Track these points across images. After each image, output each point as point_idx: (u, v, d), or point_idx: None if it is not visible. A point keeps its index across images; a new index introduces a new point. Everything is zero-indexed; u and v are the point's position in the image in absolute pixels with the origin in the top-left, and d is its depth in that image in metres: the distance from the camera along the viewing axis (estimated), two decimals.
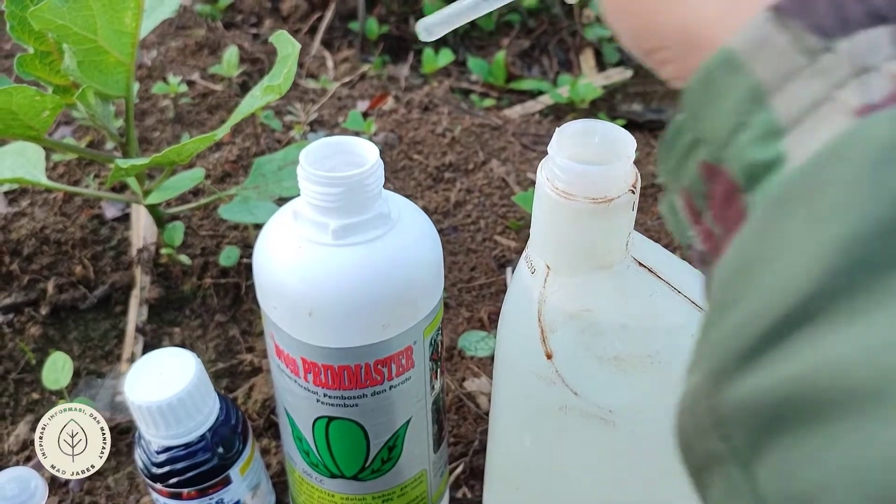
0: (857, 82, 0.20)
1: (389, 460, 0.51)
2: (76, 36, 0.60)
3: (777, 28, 0.21)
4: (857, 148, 0.18)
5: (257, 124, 1.04)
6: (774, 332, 0.18)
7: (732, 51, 0.22)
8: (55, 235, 0.84)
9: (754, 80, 0.21)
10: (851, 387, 0.16)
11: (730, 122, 0.22)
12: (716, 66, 0.22)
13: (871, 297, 0.17)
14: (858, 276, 0.17)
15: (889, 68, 0.20)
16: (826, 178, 0.19)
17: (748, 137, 0.21)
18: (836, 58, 0.20)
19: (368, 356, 0.45)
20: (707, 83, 0.22)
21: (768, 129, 0.21)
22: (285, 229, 0.45)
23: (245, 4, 1.50)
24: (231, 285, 0.81)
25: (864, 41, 0.20)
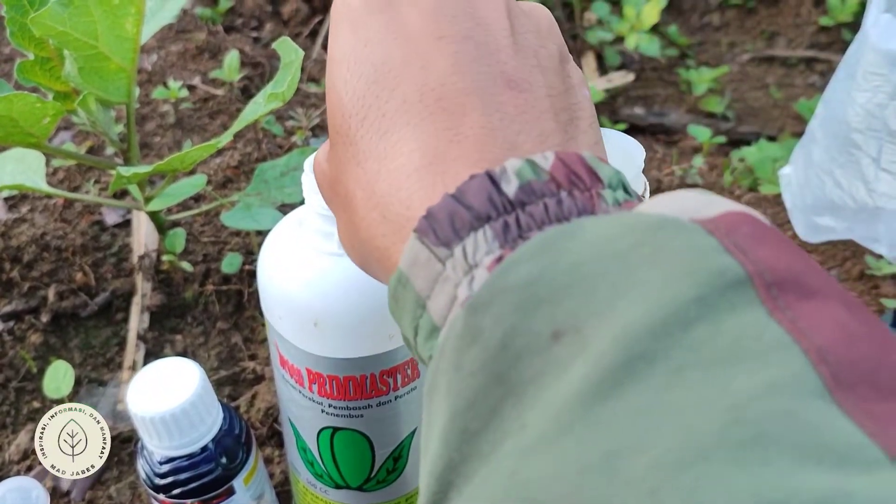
0: (467, 279, 0.23)
1: (395, 471, 0.50)
2: (77, 42, 0.60)
3: (420, 246, 0.25)
4: (447, 339, 0.23)
5: (258, 129, 1.03)
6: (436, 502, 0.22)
7: (400, 270, 0.25)
8: (55, 242, 0.84)
9: (416, 290, 0.25)
10: None
11: (410, 328, 0.26)
12: (395, 284, 0.26)
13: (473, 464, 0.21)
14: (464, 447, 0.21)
15: (486, 261, 0.23)
16: (439, 368, 0.23)
17: (422, 337, 0.25)
18: (454, 262, 0.24)
19: (374, 366, 0.45)
20: (394, 299, 0.26)
21: (430, 329, 0.25)
22: (290, 239, 0.44)
23: (245, 8, 1.50)
24: (233, 292, 0.81)
25: (470, 243, 0.24)
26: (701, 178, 1.04)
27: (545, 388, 0.20)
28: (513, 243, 0.23)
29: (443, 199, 0.25)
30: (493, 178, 0.24)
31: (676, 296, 0.19)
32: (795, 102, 1.31)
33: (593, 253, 0.21)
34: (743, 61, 1.44)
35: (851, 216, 0.75)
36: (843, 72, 0.76)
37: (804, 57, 1.43)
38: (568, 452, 0.18)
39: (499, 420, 0.21)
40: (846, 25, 1.44)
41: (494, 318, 0.21)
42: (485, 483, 0.20)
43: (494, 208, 0.24)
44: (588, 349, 0.19)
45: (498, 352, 0.21)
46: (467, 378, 0.21)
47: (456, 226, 0.24)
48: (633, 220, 0.22)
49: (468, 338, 0.22)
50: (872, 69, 0.70)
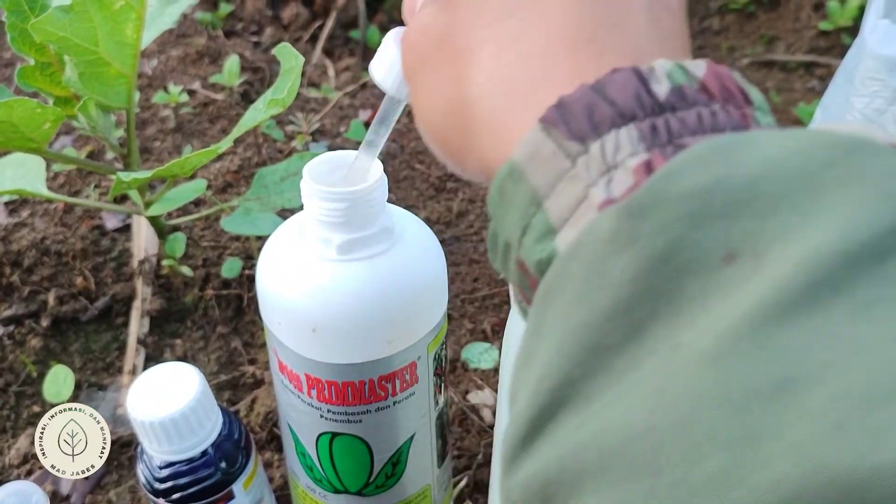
0: (605, 180, 0.22)
1: (393, 475, 0.50)
2: (77, 47, 0.60)
3: (545, 138, 0.23)
4: (587, 242, 0.21)
5: (259, 134, 1.03)
6: (540, 418, 0.20)
7: (514, 162, 0.24)
8: (56, 246, 0.84)
9: (532, 186, 0.23)
10: (585, 466, 0.18)
11: (518, 226, 0.24)
12: (504, 179, 0.24)
13: (600, 381, 0.19)
14: (592, 362, 0.19)
15: (630, 163, 0.21)
16: (569, 272, 0.21)
17: (531, 238, 0.23)
18: (589, 159, 0.22)
19: (372, 372, 0.45)
20: (500, 194, 0.25)
21: (545, 230, 0.23)
22: (289, 245, 0.45)
23: (245, 13, 1.50)
24: (233, 297, 0.81)
25: (611, 141, 0.22)
26: None
27: (708, 309, 0.18)
28: (662, 149, 0.22)
29: (579, 90, 0.23)
30: (640, 75, 0.23)
31: (872, 223, 0.18)
32: (795, 107, 1.31)
33: (775, 169, 0.19)
34: (742, 65, 1.44)
35: None
36: (842, 77, 0.76)
37: (803, 61, 1.43)
38: (732, 374, 0.17)
39: (642, 337, 0.19)
40: (846, 30, 1.44)
41: (657, 226, 0.19)
42: (620, 401, 0.18)
43: (641, 108, 0.22)
44: (764, 273, 0.18)
45: (656, 264, 0.19)
46: (610, 287, 0.19)
47: (595, 120, 0.22)
48: (819, 138, 0.20)
49: (618, 244, 0.20)
50: (871, 74, 0.70)
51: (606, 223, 0.20)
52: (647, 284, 0.19)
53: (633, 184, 0.21)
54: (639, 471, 0.17)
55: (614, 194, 0.21)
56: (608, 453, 0.18)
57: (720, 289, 0.18)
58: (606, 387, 0.19)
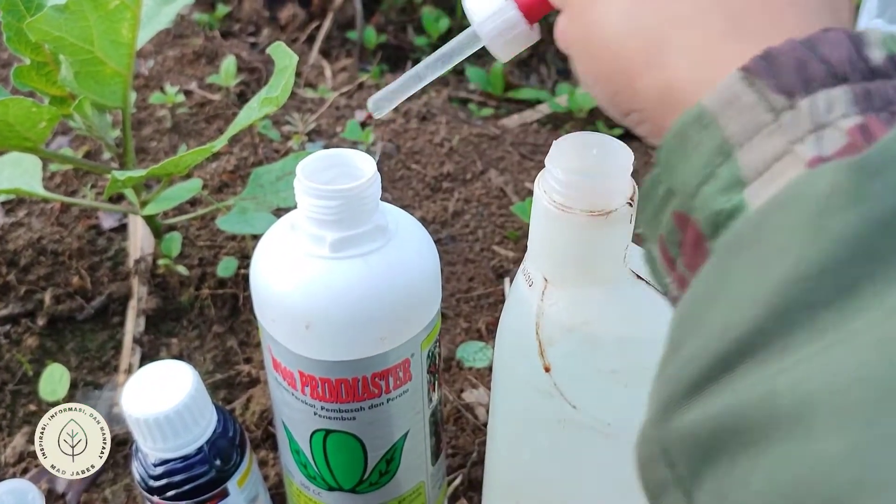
0: (813, 137, 0.21)
1: (387, 473, 0.51)
2: (73, 47, 0.60)
3: (746, 87, 0.22)
4: (801, 196, 0.20)
5: (255, 134, 1.04)
6: (715, 367, 0.20)
7: (704, 108, 0.23)
8: (52, 246, 0.84)
9: (723, 135, 0.23)
10: (775, 415, 0.18)
11: (699, 173, 0.23)
12: (689, 122, 0.23)
13: (801, 335, 0.18)
14: (794, 315, 0.19)
15: (843, 124, 0.21)
16: (772, 224, 0.20)
17: (714, 188, 0.23)
18: (797, 115, 0.22)
19: (366, 369, 0.45)
20: (680, 138, 0.24)
21: (732, 181, 0.22)
22: (282, 242, 0.45)
23: (243, 13, 1.50)
24: (229, 296, 0.81)
25: (823, 100, 0.21)
26: None
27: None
28: (877, 113, 0.21)
29: (788, 43, 0.22)
30: (854, 38, 0.22)
31: None
32: None
33: None
34: None
35: None
36: None
37: None
38: None
39: (856, 297, 0.18)
40: None
41: (888, 187, 0.19)
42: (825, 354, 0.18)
43: (855, 70, 0.22)
44: None
45: (883, 226, 0.18)
46: (827, 242, 0.19)
47: (806, 76, 0.22)
48: None
49: (842, 200, 0.19)
50: None
51: (827, 178, 0.20)
52: (868, 244, 0.18)
53: (846, 144, 0.21)
54: (847, 420, 0.16)
55: (826, 152, 0.21)
56: (808, 402, 0.17)
57: None
58: (807, 342, 0.18)
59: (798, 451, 0.17)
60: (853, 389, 0.17)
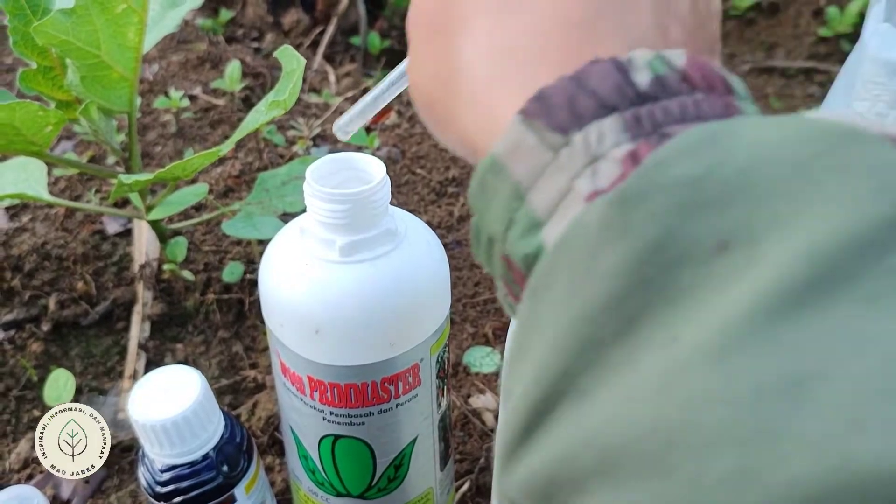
0: (589, 171, 0.21)
1: (396, 479, 0.50)
2: (79, 51, 0.60)
3: (525, 129, 0.23)
4: (578, 234, 0.20)
5: (260, 139, 1.03)
6: (535, 415, 0.20)
7: (495, 155, 0.23)
8: (56, 251, 0.84)
9: (514, 179, 0.23)
10: (584, 467, 0.18)
11: (502, 219, 0.24)
12: (485, 171, 0.24)
13: (597, 375, 0.19)
14: (588, 355, 0.19)
15: (616, 154, 0.21)
16: (559, 265, 0.21)
17: (516, 232, 0.23)
18: (572, 150, 0.22)
19: (375, 374, 0.45)
20: (481, 186, 0.24)
21: (530, 223, 0.23)
22: (291, 246, 0.44)
23: (246, 18, 1.50)
24: (234, 301, 0.81)
25: (594, 132, 0.22)
26: None
27: (704, 301, 0.18)
28: (647, 138, 0.21)
29: (559, 82, 0.23)
30: (620, 65, 0.22)
31: (870, 215, 0.17)
32: (795, 113, 1.31)
33: (767, 157, 0.19)
34: (742, 72, 1.44)
35: None
36: (843, 81, 0.76)
37: (803, 68, 1.44)
38: (739, 371, 0.16)
39: (638, 329, 0.18)
40: (845, 36, 1.44)
41: (647, 216, 0.19)
42: (620, 396, 0.18)
43: (623, 98, 0.22)
44: (761, 264, 0.17)
45: (648, 255, 0.19)
46: (603, 279, 0.19)
47: (576, 111, 0.22)
48: (809, 127, 0.19)
49: (610, 234, 0.19)
50: (872, 78, 0.71)
51: (596, 214, 0.20)
52: (639, 275, 0.19)
53: (619, 174, 0.21)
54: (647, 470, 0.17)
55: (601, 185, 0.21)
56: (612, 451, 0.17)
57: (713, 279, 0.18)
58: (603, 381, 0.19)
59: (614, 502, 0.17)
60: (648, 439, 0.17)
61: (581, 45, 0.25)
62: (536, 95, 0.23)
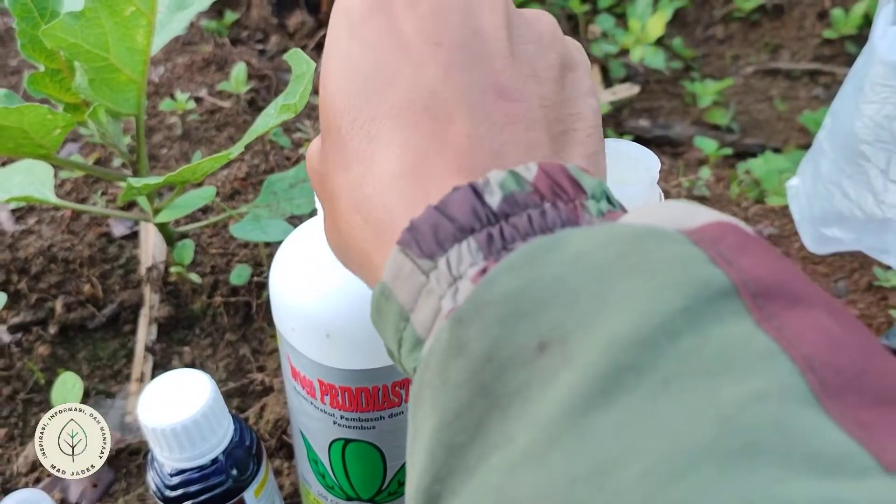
0: (451, 291, 0.23)
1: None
2: (88, 54, 0.60)
3: (404, 258, 0.25)
4: (433, 351, 0.23)
5: (266, 141, 1.03)
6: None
7: (384, 283, 0.25)
8: (63, 254, 0.84)
9: (399, 302, 0.25)
10: None
11: (394, 339, 0.26)
12: (377, 297, 0.26)
13: (459, 478, 0.21)
14: (451, 460, 0.21)
15: (471, 273, 0.23)
16: (424, 380, 0.23)
17: (405, 350, 0.25)
18: (438, 273, 0.24)
19: (386, 378, 0.45)
20: (377, 310, 0.26)
21: (414, 342, 0.25)
22: (302, 251, 0.44)
23: (251, 20, 1.50)
24: (242, 304, 0.81)
25: (454, 255, 0.24)
26: (708, 190, 1.04)
27: (531, 400, 0.20)
28: (497, 255, 0.23)
29: (426, 211, 0.25)
30: (476, 189, 0.24)
31: (662, 306, 0.19)
32: (800, 115, 1.31)
33: (576, 264, 0.21)
34: (747, 74, 1.44)
35: (860, 227, 0.75)
36: (851, 83, 0.76)
37: (808, 69, 1.44)
38: (556, 466, 0.18)
39: (485, 433, 0.21)
40: (850, 38, 1.44)
41: (479, 330, 0.21)
42: (471, 498, 0.20)
43: (478, 220, 0.24)
44: (574, 360, 0.19)
45: (483, 364, 0.21)
46: (452, 390, 0.21)
47: (440, 238, 0.24)
48: (617, 231, 0.22)
49: (453, 350, 0.22)
50: (880, 81, 0.70)
51: (445, 333, 0.22)
52: (479, 384, 0.21)
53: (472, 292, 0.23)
54: None
55: (459, 303, 0.23)
56: None
57: (539, 378, 0.20)
58: (464, 483, 0.21)
59: None
60: None
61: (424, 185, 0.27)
62: (409, 226, 0.25)
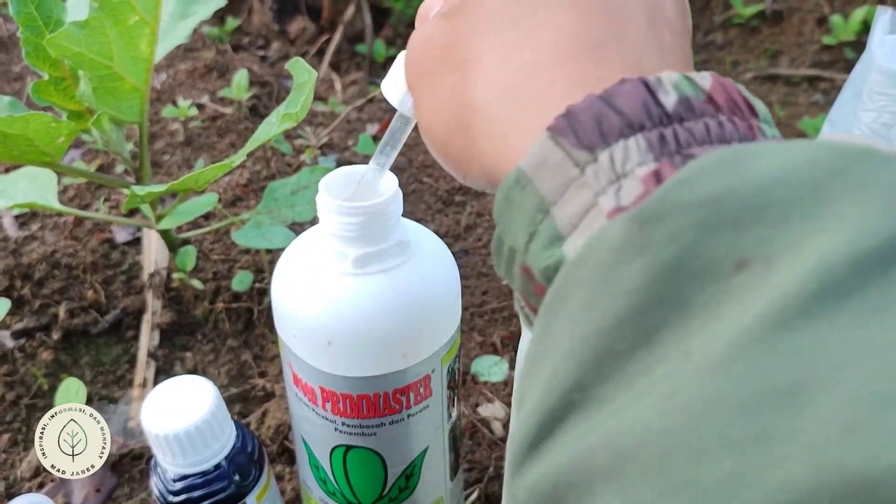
0: (613, 188, 0.22)
1: (407, 488, 0.51)
2: (92, 62, 0.61)
3: (553, 146, 0.23)
4: (597, 249, 0.21)
5: (268, 148, 1.04)
6: (547, 423, 0.21)
7: (521, 170, 0.24)
8: (66, 260, 0.84)
9: (539, 193, 0.24)
10: (597, 469, 0.19)
11: (525, 232, 0.24)
12: (510, 185, 0.24)
13: (612, 386, 0.19)
14: (604, 367, 0.20)
15: (639, 173, 0.22)
16: (577, 278, 0.21)
17: (539, 244, 0.24)
18: (598, 168, 0.22)
19: (387, 385, 0.45)
20: (506, 200, 0.25)
21: (553, 236, 0.23)
22: (304, 258, 0.45)
23: (252, 27, 1.51)
24: (243, 310, 0.81)
25: (620, 150, 0.22)
26: None
27: (719, 317, 0.18)
28: (670, 158, 0.22)
29: (587, 100, 0.23)
30: (648, 86, 0.23)
31: (879, 231, 0.18)
32: (799, 120, 1.31)
33: (784, 178, 0.19)
34: (746, 79, 1.45)
35: None
36: (849, 91, 0.76)
37: (807, 75, 1.44)
38: (744, 379, 0.17)
39: (655, 343, 0.19)
40: (849, 44, 1.45)
41: (668, 234, 0.19)
42: (632, 405, 0.19)
43: (649, 118, 0.23)
44: (775, 280, 0.18)
45: (667, 271, 0.19)
46: (620, 295, 0.20)
47: (603, 130, 0.23)
48: (826, 149, 0.20)
49: (628, 252, 0.20)
50: (878, 89, 0.71)
51: (617, 231, 0.20)
52: (658, 292, 0.19)
53: (642, 192, 0.22)
54: (651, 473, 0.17)
55: (623, 202, 0.22)
56: (620, 455, 0.18)
57: (731, 296, 0.18)
58: (618, 391, 0.19)
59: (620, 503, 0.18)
60: (653, 444, 0.17)
61: (590, 69, 0.26)
62: (565, 113, 0.23)
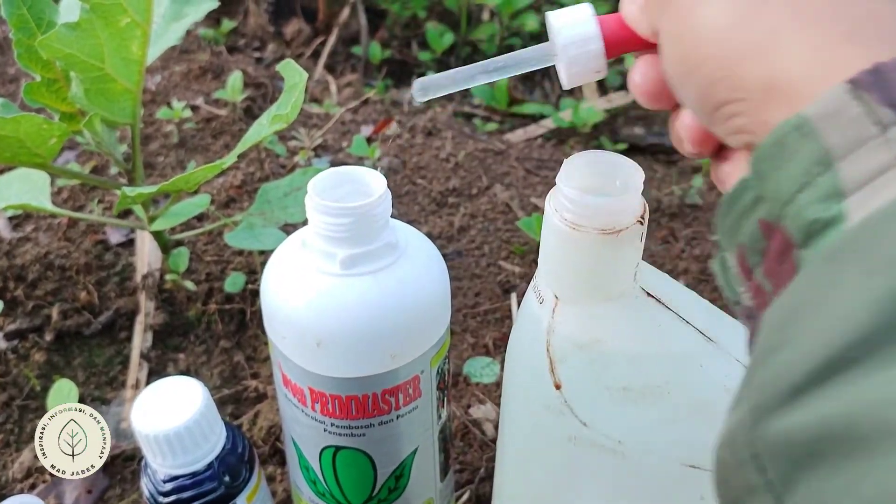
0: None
1: (396, 489, 0.51)
2: (84, 64, 0.61)
3: (852, 99, 0.22)
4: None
5: (261, 149, 1.04)
6: (819, 372, 0.19)
7: (806, 117, 0.23)
8: (59, 261, 0.85)
9: (824, 145, 0.23)
10: (887, 425, 0.17)
11: (796, 181, 0.23)
12: (788, 131, 0.23)
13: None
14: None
15: None
16: (882, 235, 0.20)
17: (811, 196, 0.23)
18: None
19: (376, 386, 0.45)
20: (779, 145, 0.24)
21: (831, 191, 0.22)
22: (293, 259, 0.45)
23: (248, 28, 1.51)
24: (236, 311, 0.81)
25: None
26: (700, 198, 1.04)
27: None
28: None
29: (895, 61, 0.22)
30: None
31: None
32: None
33: None
34: None
35: None
36: None
37: None
38: None
39: None
40: None
41: None
42: None
43: None
44: None
45: None
46: None
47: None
48: None
49: None
50: None
51: None
52: None
53: None
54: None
55: None
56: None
57: None
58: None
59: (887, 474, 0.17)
60: None
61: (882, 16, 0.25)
62: (872, 68, 0.23)
